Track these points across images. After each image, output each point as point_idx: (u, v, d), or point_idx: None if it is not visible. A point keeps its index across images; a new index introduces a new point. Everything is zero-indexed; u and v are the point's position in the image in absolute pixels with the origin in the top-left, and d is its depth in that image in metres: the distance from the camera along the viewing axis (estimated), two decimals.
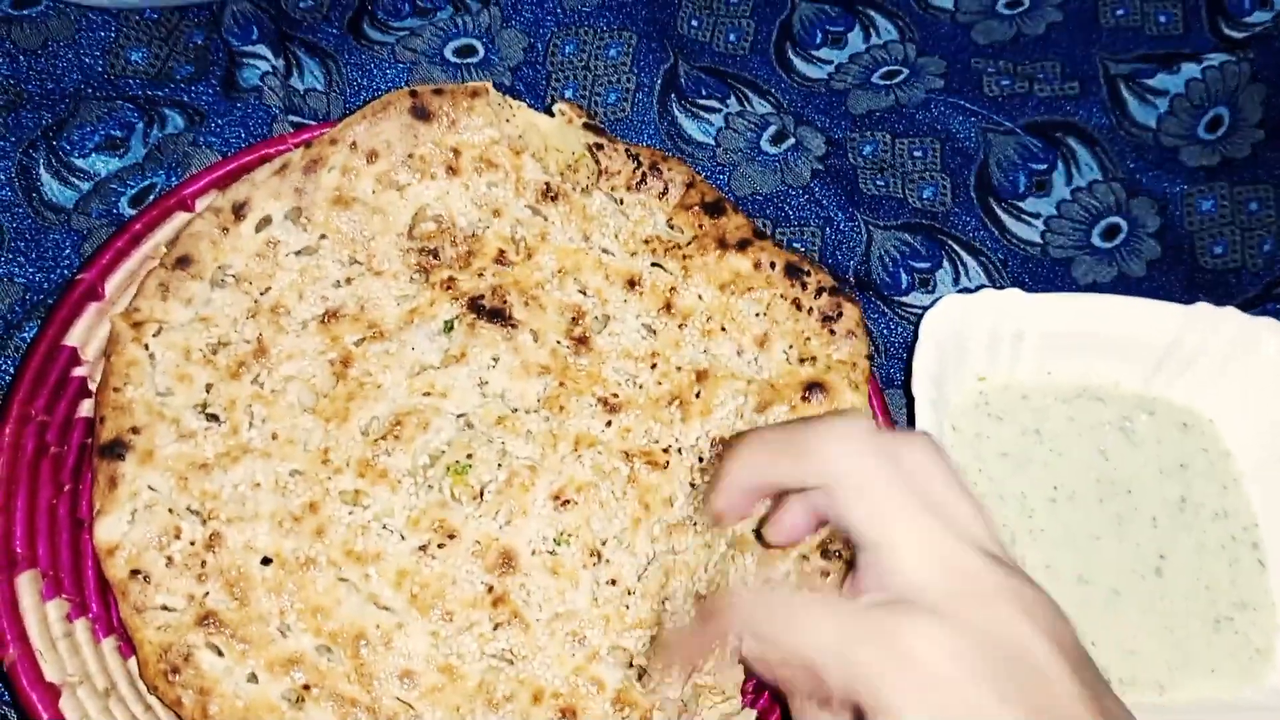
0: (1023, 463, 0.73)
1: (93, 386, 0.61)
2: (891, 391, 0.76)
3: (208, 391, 0.61)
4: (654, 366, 0.66)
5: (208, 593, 0.57)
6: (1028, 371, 0.75)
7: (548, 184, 0.68)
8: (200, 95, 0.73)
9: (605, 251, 0.68)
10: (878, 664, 0.42)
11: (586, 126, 0.69)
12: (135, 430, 0.59)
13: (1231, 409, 0.75)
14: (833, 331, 0.65)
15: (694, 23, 0.85)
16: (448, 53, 0.79)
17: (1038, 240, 0.84)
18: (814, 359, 0.65)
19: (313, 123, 0.74)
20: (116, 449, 0.58)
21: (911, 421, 0.68)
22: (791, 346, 0.65)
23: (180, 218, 0.64)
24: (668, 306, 0.67)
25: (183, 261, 0.62)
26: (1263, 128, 0.89)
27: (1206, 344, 0.74)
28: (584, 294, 0.67)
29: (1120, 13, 0.91)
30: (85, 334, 0.61)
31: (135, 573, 0.56)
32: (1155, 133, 0.87)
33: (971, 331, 0.72)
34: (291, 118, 0.74)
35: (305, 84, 0.75)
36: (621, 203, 0.68)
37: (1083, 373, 0.75)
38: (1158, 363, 0.75)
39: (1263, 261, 0.86)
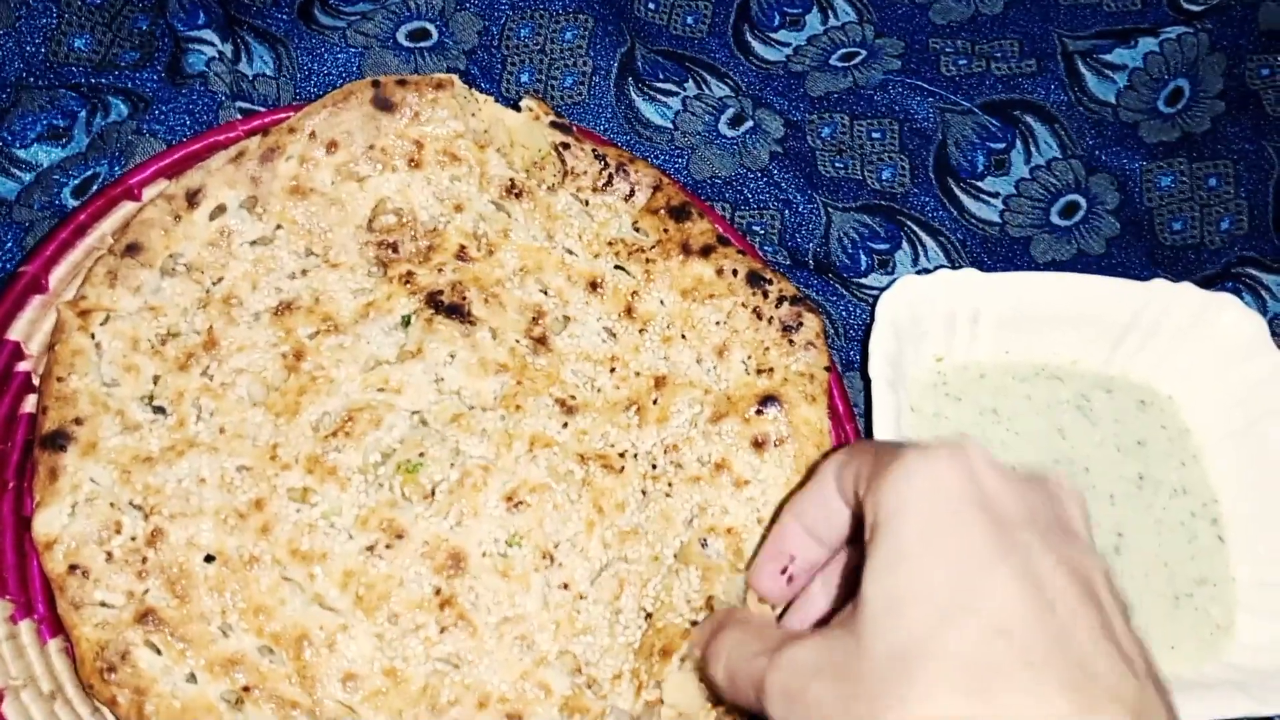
0: (981, 442, 0.73)
1: (37, 381, 0.59)
2: (850, 374, 0.76)
3: (155, 383, 0.60)
4: (613, 370, 0.65)
5: (148, 590, 0.56)
6: (985, 351, 0.75)
7: (512, 180, 0.67)
8: (145, 82, 0.71)
9: (569, 252, 0.67)
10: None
11: (554, 125, 0.67)
12: (78, 421, 0.58)
13: (1190, 385, 0.75)
14: (792, 342, 0.65)
15: (650, 5, 0.84)
16: (400, 36, 0.78)
17: (996, 220, 0.83)
18: (771, 370, 0.64)
19: (262, 109, 0.72)
20: (58, 440, 0.57)
21: (869, 403, 0.67)
22: (750, 357, 0.65)
23: (126, 208, 0.63)
24: (629, 311, 0.66)
25: (132, 249, 0.61)
26: (1223, 99, 0.89)
27: (1164, 320, 0.74)
28: (545, 294, 0.66)
29: None
30: (29, 328, 0.60)
31: (74, 567, 0.55)
32: (1114, 108, 0.87)
33: (928, 312, 0.72)
34: (239, 104, 0.72)
35: (254, 69, 0.74)
36: (587, 204, 0.67)
37: (1040, 351, 0.76)
38: (1116, 340, 0.75)
39: (1221, 238, 0.86)
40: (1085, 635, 0.37)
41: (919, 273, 0.77)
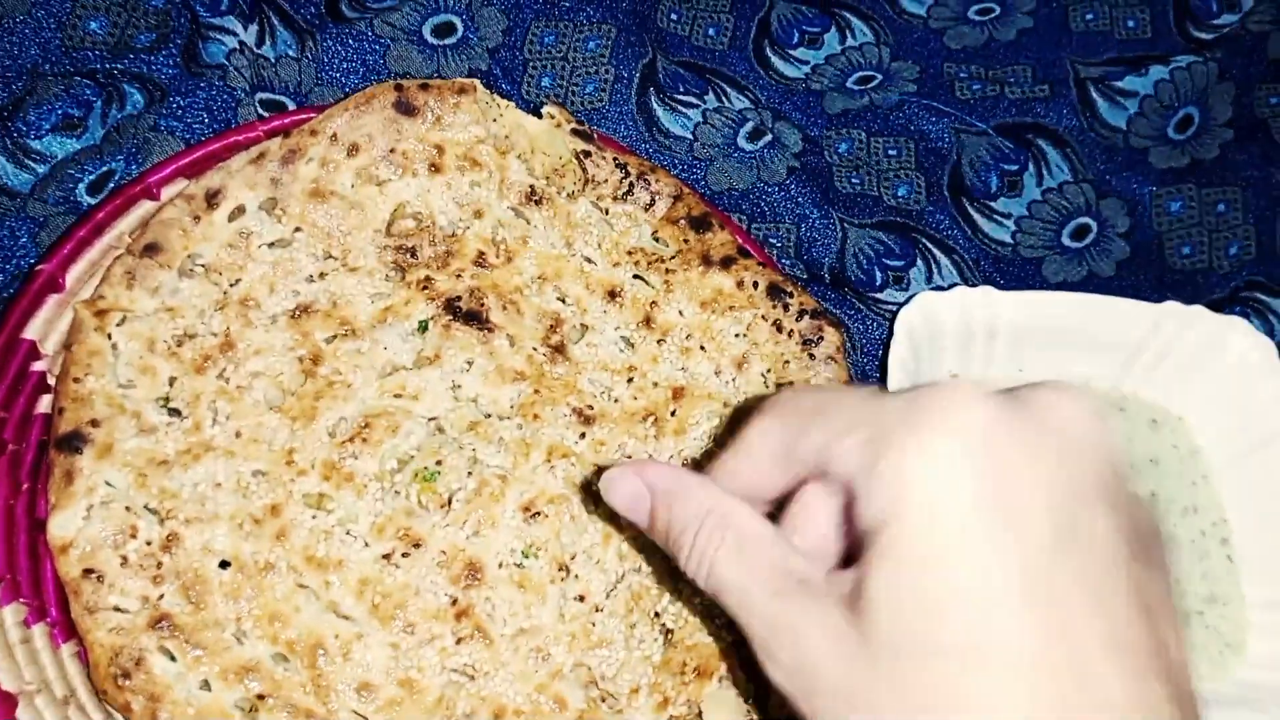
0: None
1: (53, 381, 0.58)
2: None
3: (171, 385, 0.59)
4: (630, 381, 0.65)
5: (163, 595, 0.55)
6: (1000, 368, 0.75)
7: (532, 187, 0.67)
8: (161, 67, 0.70)
9: (587, 260, 0.66)
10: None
11: (575, 132, 0.67)
12: (94, 423, 0.57)
13: (1201, 406, 0.76)
14: (812, 356, 0.65)
15: (673, 16, 0.84)
16: (425, 31, 0.77)
17: (1009, 240, 0.84)
18: (791, 384, 0.64)
19: (283, 98, 0.71)
20: (74, 441, 0.56)
21: None
22: (769, 370, 0.65)
23: (144, 207, 0.62)
24: (648, 321, 0.66)
25: (151, 249, 0.60)
26: (1231, 127, 0.90)
27: (1176, 342, 0.75)
28: (563, 302, 0.65)
29: (1089, 17, 0.91)
30: (45, 327, 0.59)
31: (88, 571, 0.54)
32: (1125, 134, 0.88)
33: (945, 328, 0.72)
34: (260, 95, 0.71)
35: (277, 51, 0.73)
36: (607, 212, 0.67)
37: (1054, 369, 0.76)
38: (1128, 360, 0.76)
39: (1229, 263, 0.87)
40: (1096, 652, 0.37)
41: (934, 289, 0.77)
